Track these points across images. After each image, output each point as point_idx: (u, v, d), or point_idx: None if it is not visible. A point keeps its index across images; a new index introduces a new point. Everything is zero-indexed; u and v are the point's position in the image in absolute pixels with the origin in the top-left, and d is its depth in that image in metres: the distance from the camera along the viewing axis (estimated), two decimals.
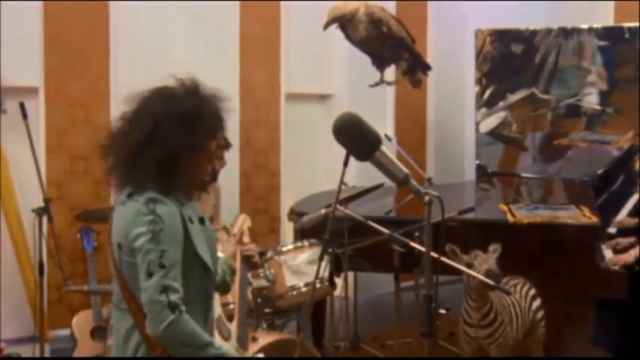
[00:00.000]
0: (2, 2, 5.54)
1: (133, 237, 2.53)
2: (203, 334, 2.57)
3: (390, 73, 7.02)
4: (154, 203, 2.56)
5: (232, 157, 5.97)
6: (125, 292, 2.61)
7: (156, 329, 2.49)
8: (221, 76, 6.55)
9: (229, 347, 2.76)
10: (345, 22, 6.38)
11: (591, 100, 7.27)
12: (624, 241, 5.38)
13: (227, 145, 5.51)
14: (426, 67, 7.10)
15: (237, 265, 3.31)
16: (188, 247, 2.60)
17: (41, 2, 5.78)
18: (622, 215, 5.77)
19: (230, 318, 4.24)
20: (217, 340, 2.80)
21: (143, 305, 2.52)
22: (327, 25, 6.31)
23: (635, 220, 5.64)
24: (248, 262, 3.50)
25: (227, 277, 3.05)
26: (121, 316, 2.65)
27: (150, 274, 2.49)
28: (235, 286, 3.34)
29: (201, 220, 2.74)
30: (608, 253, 5.14)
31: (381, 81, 6.82)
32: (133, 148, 2.59)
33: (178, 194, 2.65)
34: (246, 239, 3.68)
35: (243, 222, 3.63)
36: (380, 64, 6.77)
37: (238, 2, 6.81)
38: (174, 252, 2.54)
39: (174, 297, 2.49)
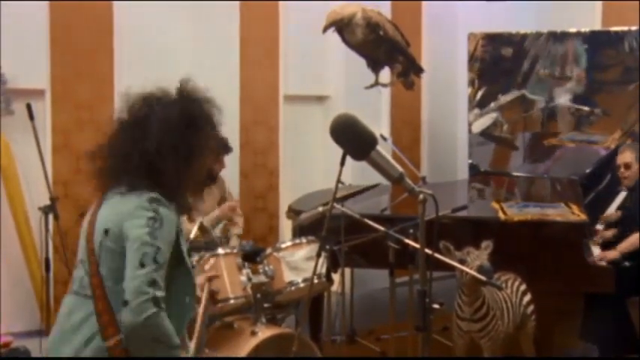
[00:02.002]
0: (9, 8, 5.60)
1: (130, 227, 2.51)
2: (175, 336, 2.53)
3: (385, 75, 7.06)
4: (157, 203, 2.55)
5: (232, 157, 6.00)
6: (94, 277, 2.55)
7: (134, 318, 2.43)
8: (222, 78, 6.67)
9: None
10: (342, 26, 6.39)
11: (567, 102, 7.38)
12: (608, 233, 5.51)
13: (228, 150, 5.64)
14: (419, 70, 7.11)
15: (204, 298, 3.25)
16: (177, 253, 2.59)
17: (47, 7, 5.84)
18: (610, 211, 5.87)
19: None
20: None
21: (126, 292, 2.45)
22: (325, 29, 6.30)
23: (619, 214, 5.75)
24: (212, 297, 3.39)
25: None
26: (81, 303, 2.59)
27: (142, 265, 2.45)
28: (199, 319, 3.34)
29: (182, 231, 2.68)
30: (595, 250, 5.26)
31: (376, 83, 6.84)
32: (142, 155, 2.59)
33: (177, 202, 2.64)
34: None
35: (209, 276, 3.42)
36: (375, 66, 6.74)
37: (238, 5, 6.86)
38: (166, 253, 2.52)
39: (159, 293, 2.46)
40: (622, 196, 5.86)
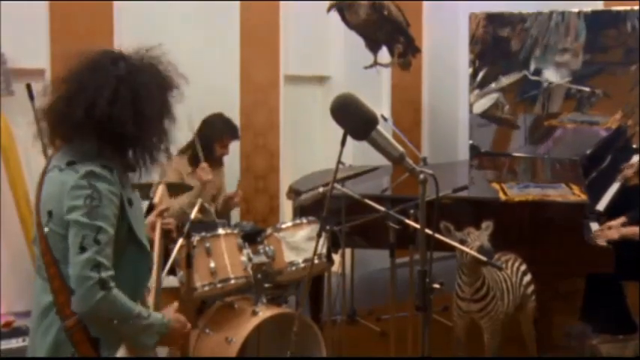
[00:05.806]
0: None
1: (68, 208, 2.43)
2: (131, 305, 2.48)
3: (384, 55, 7.07)
4: (95, 179, 2.45)
5: None
6: (47, 257, 2.49)
7: (83, 306, 2.40)
8: (222, 59, 6.66)
9: (158, 316, 2.61)
10: (345, 6, 6.41)
11: (568, 83, 7.37)
12: (615, 223, 5.48)
13: (235, 137, 5.64)
14: (416, 50, 7.16)
15: (157, 237, 3.04)
16: (123, 227, 2.52)
17: None
18: (604, 201, 5.82)
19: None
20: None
21: (71, 280, 2.41)
22: (330, 8, 6.33)
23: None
24: (167, 236, 3.21)
25: None
26: (44, 287, 2.53)
27: (83, 249, 2.39)
28: (155, 259, 3.20)
29: (130, 202, 2.59)
30: (595, 227, 5.24)
31: (375, 63, 6.88)
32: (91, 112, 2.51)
33: (121, 171, 2.56)
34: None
35: (162, 192, 3.18)
36: (373, 46, 6.81)
37: None
38: (109, 230, 2.44)
39: (105, 274, 2.40)
40: (616, 186, 5.83)
